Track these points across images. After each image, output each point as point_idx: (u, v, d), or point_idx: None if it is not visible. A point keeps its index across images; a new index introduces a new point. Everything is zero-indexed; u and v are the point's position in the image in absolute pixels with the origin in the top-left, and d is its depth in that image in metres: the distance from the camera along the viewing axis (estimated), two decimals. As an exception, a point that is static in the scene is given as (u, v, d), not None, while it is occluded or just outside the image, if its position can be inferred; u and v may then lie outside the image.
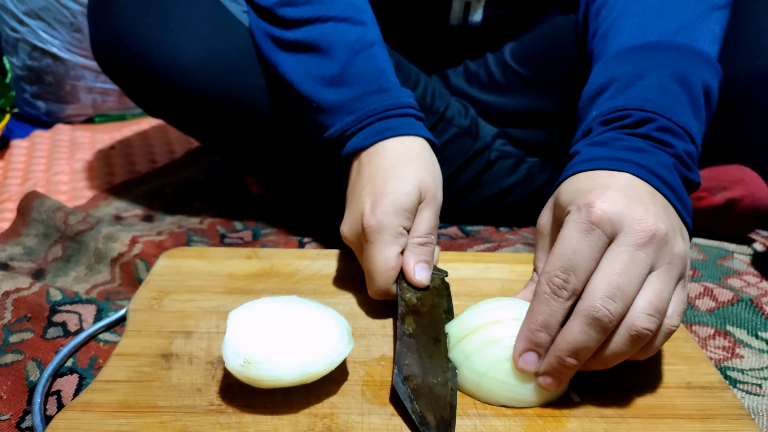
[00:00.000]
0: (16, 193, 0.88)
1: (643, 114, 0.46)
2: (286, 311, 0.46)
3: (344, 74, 0.56)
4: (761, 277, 0.65)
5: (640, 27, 0.53)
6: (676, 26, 0.52)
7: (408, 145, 0.54)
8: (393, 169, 0.52)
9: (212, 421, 0.42)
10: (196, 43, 0.63)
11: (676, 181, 0.45)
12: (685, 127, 0.46)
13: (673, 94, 0.47)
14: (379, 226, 0.50)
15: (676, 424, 0.42)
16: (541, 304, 0.41)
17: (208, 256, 0.62)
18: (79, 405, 0.43)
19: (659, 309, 0.39)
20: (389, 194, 0.50)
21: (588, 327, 0.39)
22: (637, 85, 0.48)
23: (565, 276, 0.40)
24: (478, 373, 0.44)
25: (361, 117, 0.55)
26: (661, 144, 0.46)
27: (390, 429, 0.41)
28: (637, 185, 0.43)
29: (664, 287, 0.40)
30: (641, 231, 0.39)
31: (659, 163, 0.44)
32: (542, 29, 0.74)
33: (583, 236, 0.40)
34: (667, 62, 0.49)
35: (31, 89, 1.13)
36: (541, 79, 0.74)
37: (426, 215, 0.52)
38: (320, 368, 0.43)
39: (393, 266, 0.50)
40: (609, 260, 0.40)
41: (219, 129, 0.68)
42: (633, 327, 0.39)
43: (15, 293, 0.58)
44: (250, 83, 0.65)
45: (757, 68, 0.64)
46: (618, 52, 0.53)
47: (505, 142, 0.77)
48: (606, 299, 0.39)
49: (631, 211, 0.40)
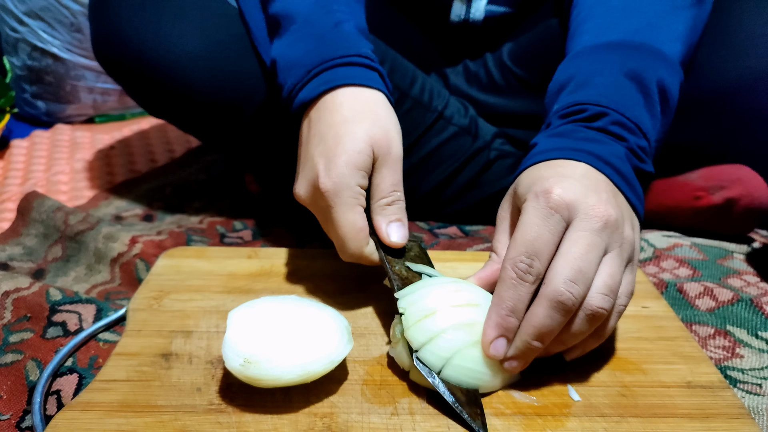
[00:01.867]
0: (16, 193, 0.88)
1: (598, 109, 0.48)
2: (286, 311, 0.46)
3: (300, 29, 0.55)
4: (760, 276, 0.65)
5: (603, 27, 0.55)
6: (636, 26, 0.54)
7: (359, 98, 0.51)
8: (345, 126, 0.49)
9: (212, 420, 0.42)
10: (189, 32, 0.64)
11: (628, 170, 0.47)
12: (638, 123, 0.48)
13: (627, 91, 0.49)
14: (336, 188, 0.48)
15: (676, 424, 0.42)
16: (508, 289, 0.42)
17: (207, 256, 0.62)
18: (78, 404, 0.43)
19: (613, 289, 0.42)
20: (342, 153, 0.48)
21: (552, 310, 0.40)
22: (594, 82, 0.50)
23: (529, 261, 0.41)
24: (441, 357, 0.43)
25: (309, 68, 0.53)
26: (614, 137, 0.48)
27: (390, 428, 0.41)
28: (592, 175, 0.45)
29: (616, 269, 0.42)
30: (595, 216, 0.41)
31: (613, 153, 0.46)
32: (538, 31, 0.75)
33: (543, 221, 0.42)
34: (623, 61, 0.51)
35: (31, 89, 1.13)
36: (538, 80, 0.74)
37: (385, 173, 0.50)
38: (320, 367, 0.43)
39: (361, 227, 0.49)
40: (568, 245, 0.41)
41: (216, 122, 0.68)
42: (590, 307, 0.41)
43: (15, 293, 0.58)
44: (244, 68, 0.65)
45: (749, 69, 0.65)
46: (580, 50, 0.55)
47: (505, 142, 0.77)
48: (569, 283, 0.40)
49: (586, 198, 0.42)
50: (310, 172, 0.50)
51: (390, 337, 0.47)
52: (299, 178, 0.52)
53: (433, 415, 0.43)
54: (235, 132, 0.69)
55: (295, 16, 0.56)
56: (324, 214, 0.50)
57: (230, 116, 0.67)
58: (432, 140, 0.73)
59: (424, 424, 0.42)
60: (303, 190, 0.51)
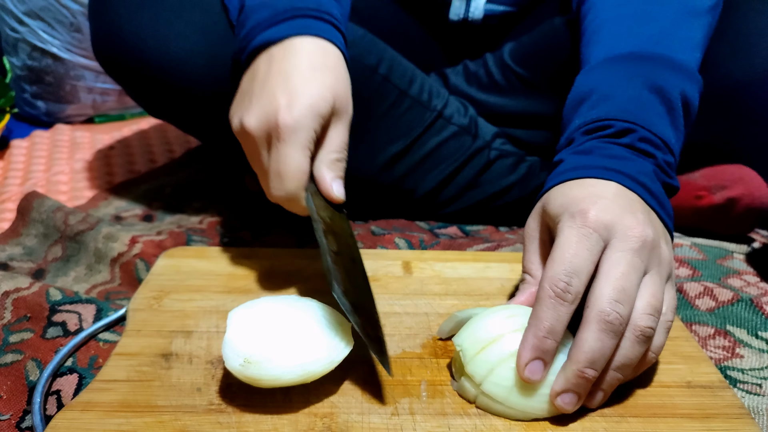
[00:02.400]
0: (16, 193, 0.88)
1: (625, 125, 0.48)
2: (286, 311, 0.46)
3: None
4: (760, 276, 0.65)
5: (620, 36, 0.55)
6: (653, 35, 0.53)
7: (326, 52, 0.51)
8: (311, 72, 0.49)
9: (212, 420, 0.42)
10: (190, 30, 0.64)
11: (658, 188, 0.46)
12: (664, 138, 0.48)
13: (651, 105, 0.49)
14: (296, 126, 0.47)
15: (676, 423, 0.42)
16: (547, 310, 0.41)
17: (207, 256, 0.62)
18: (78, 405, 0.43)
19: (657, 308, 0.41)
20: (307, 96, 0.48)
21: (601, 333, 0.40)
22: (616, 96, 0.50)
23: (568, 279, 0.40)
24: (505, 387, 0.42)
25: (279, 11, 0.52)
26: (643, 153, 0.47)
27: (390, 428, 0.41)
28: (625, 194, 0.44)
29: (657, 288, 0.42)
30: (634, 237, 0.41)
31: (642, 171, 0.46)
32: (540, 30, 0.74)
33: (581, 240, 0.41)
34: (645, 73, 0.50)
35: (31, 89, 1.13)
36: (540, 80, 0.74)
37: (340, 130, 0.50)
38: (320, 368, 0.43)
39: (305, 170, 0.48)
40: (609, 265, 0.41)
41: (217, 121, 0.68)
42: (637, 327, 0.40)
43: (15, 293, 0.58)
44: None
45: (755, 67, 0.64)
46: (599, 61, 0.54)
47: (505, 141, 0.77)
48: (614, 303, 0.40)
49: (622, 219, 0.42)
50: (268, 105, 0.48)
51: (453, 374, 0.46)
52: (250, 108, 0.49)
53: (433, 415, 0.43)
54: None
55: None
56: (271, 149, 0.48)
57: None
58: (431, 140, 0.73)
59: (424, 424, 0.42)
60: (254, 120, 0.49)
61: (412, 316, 0.54)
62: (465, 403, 0.44)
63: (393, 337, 0.51)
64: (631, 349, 0.41)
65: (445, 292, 0.57)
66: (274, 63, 0.50)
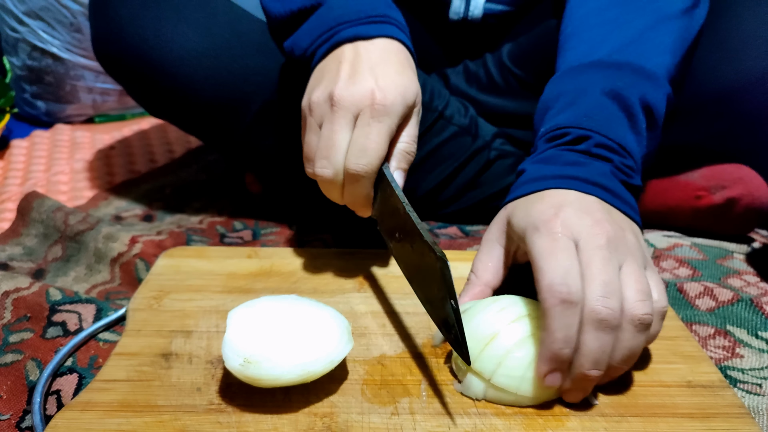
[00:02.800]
0: (16, 193, 0.88)
1: (581, 132, 0.50)
2: (286, 310, 0.46)
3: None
4: (760, 276, 0.65)
5: (589, 44, 0.56)
6: (621, 42, 0.55)
7: (406, 54, 0.56)
8: (400, 67, 0.53)
9: (212, 420, 0.42)
10: (192, 31, 0.64)
11: (616, 185, 0.48)
12: (621, 143, 0.50)
13: (609, 111, 0.51)
14: (391, 108, 0.50)
15: (676, 423, 0.42)
16: (556, 319, 0.41)
17: (207, 256, 0.62)
18: (78, 404, 0.43)
19: (647, 293, 0.42)
20: (399, 86, 0.51)
21: (597, 332, 0.40)
22: (577, 104, 0.52)
23: (564, 281, 0.41)
24: (515, 377, 0.43)
25: (368, 13, 0.56)
26: (598, 158, 0.49)
27: (390, 428, 0.41)
28: (583, 198, 0.46)
29: (639, 275, 0.42)
30: (597, 234, 0.43)
31: (598, 173, 0.48)
32: (537, 32, 0.75)
33: (556, 245, 0.42)
34: (605, 80, 0.52)
35: (31, 89, 1.13)
36: (537, 81, 0.74)
37: (413, 124, 0.54)
38: (320, 367, 0.43)
39: (385, 149, 0.50)
40: (585, 264, 0.42)
41: (218, 121, 0.68)
42: (635, 317, 0.41)
43: (15, 293, 0.58)
44: (248, 67, 0.65)
45: (747, 70, 0.65)
46: (566, 69, 0.56)
47: (505, 142, 0.77)
48: (602, 299, 0.40)
49: (583, 221, 0.43)
50: (362, 85, 0.51)
51: (456, 374, 0.47)
52: (339, 82, 0.51)
53: (433, 414, 0.43)
54: (237, 131, 0.69)
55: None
56: (357, 126, 0.50)
57: (233, 115, 0.67)
58: (432, 140, 0.73)
59: (424, 423, 0.42)
60: (346, 93, 0.50)
61: (412, 316, 0.54)
62: (465, 403, 0.44)
63: (393, 337, 0.51)
64: (633, 340, 0.41)
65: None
66: (364, 54, 0.53)
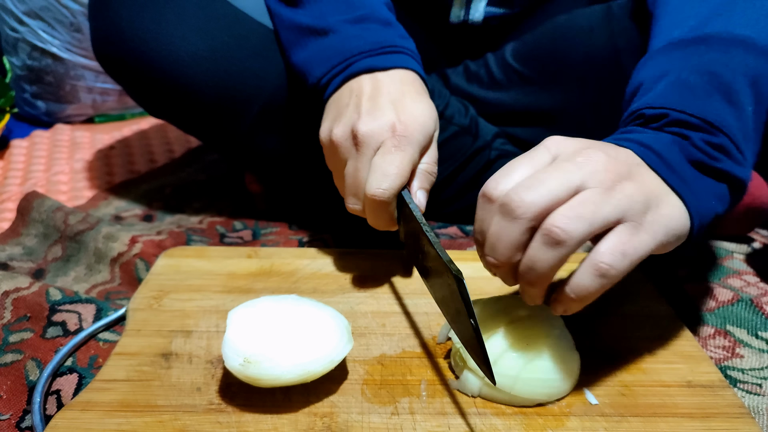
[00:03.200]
0: (16, 193, 0.88)
1: (655, 111, 0.45)
2: (286, 310, 0.46)
3: (369, 16, 0.59)
4: (760, 276, 0.65)
5: (675, 22, 0.51)
6: (707, 14, 0.48)
7: (421, 84, 0.57)
8: (418, 97, 0.55)
9: (212, 420, 0.42)
10: (192, 33, 0.64)
11: (674, 156, 0.43)
12: (706, 117, 0.43)
13: (693, 87, 0.45)
14: (412, 138, 0.52)
15: (676, 423, 0.42)
16: (477, 210, 0.43)
17: (207, 256, 0.62)
18: (78, 404, 0.43)
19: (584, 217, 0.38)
20: (418, 116, 0.53)
21: (499, 217, 0.40)
22: (655, 88, 0.47)
23: (496, 179, 0.41)
24: (510, 377, 0.43)
25: (382, 44, 0.57)
26: (671, 135, 0.44)
27: (390, 428, 0.41)
28: (613, 145, 0.42)
29: (588, 203, 0.38)
30: (577, 149, 0.40)
31: (655, 138, 0.43)
32: (543, 28, 0.74)
33: (526, 156, 0.42)
34: (690, 58, 0.46)
35: (31, 89, 1.13)
36: (542, 77, 0.74)
37: (433, 147, 0.55)
38: (320, 367, 0.43)
39: (407, 174, 0.51)
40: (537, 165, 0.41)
41: (219, 123, 0.68)
42: (547, 226, 0.38)
43: (15, 293, 0.58)
44: (249, 69, 0.65)
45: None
46: (653, 51, 0.51)
47: (505, 141, 0.77)
48: (519, 185, 0.39)
49: (576, 144, 0.41)
50: (382, 117, 0.52)
51: (455, 370, 0.47)
52: (361, 118, 0.53)
53: (433, 414, 0.43)
54: (236, 133, 0.69)
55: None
56: (380, 153, 0.51)
57: (232, 117, 0.67)
58: (432, 140, 0.73)
59: (424, 423, 0.42)
60: (367, 128, 0.52)
61: (412, 316, 0.54)
62: (465, 403, 0.44)
63: (393, 337, 0.51)
64: (537, 250, 0.39)
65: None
66: (383, 86, 0.55)
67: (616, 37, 0.69)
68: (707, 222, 0.43)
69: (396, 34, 0.59)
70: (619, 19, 0.68)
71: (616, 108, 0.71)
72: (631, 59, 0.68)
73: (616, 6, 0.69)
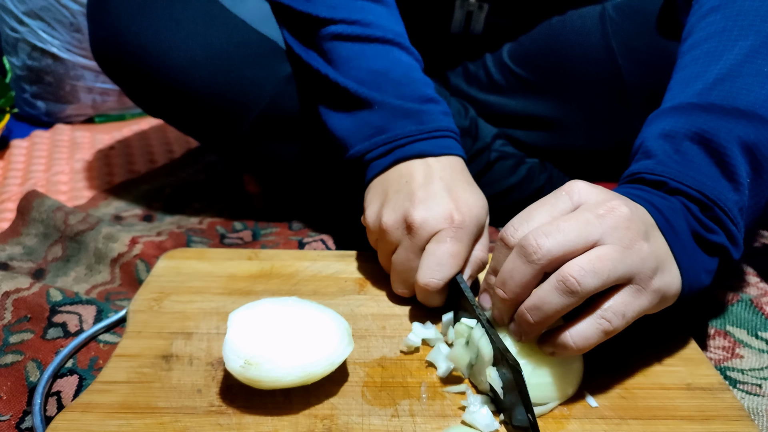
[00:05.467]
0: (16, 193, 0.88)
1: (654, 177, 0.46)
2: (287, 312, 0.46)
3: (414, 94, 0.58)
4: (760, 276, 0.65)
5: (682, 83, 0.51)
6: (715, 80, 0.48)
7: (468, 172, 0.57)
8: (470, 187, 0.54)
9: (212, 422, 0.42)
10: (190, 39, 0.64)
11: (679, 223, 0.44)
12: (702, 190, 0.45)
13: (691, 157, 0.46)
14: (468, 229, 0.51)
15: (676, 425, 0.42)
16: (494, 252, 0.44)
17: (208, 257, 0.62)
18: (79, 406, 0.43)
19: (598, 272, 0.39)
20: (473, 206, 0.52)
21: (516, 256, 0.41)
22: (656, 153, 0.47)
23: (513, 225, 0.43)
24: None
25: (431, 128, 0.56)
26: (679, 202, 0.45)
27: (390, 430, 0.42)
28: (630, 201, 0.42)
29: (604, 258, 0.39)
30: (603, 203, 0.41)
31: (664, 201, 0.44)
32: (539, 30, 0.75)
33: (548, 198, 0.43)
34: (693, 124, 0.47)
35: (31, 89, 1.13)
36: (539, 80, 0.74)
37: (486, 233, 0.55)
38: (320, 369, 0.43)
39: (462, 263, 0.51)
40: (560, 215, 0.42)
41: (216, 127, 0.68)
42: (562, 273, 0.39)
43: (15, 293, 0.58)
44: (246, 76, 0.65)
45: None
46: (661, 111, 0.51)
47: (505, 143, 0.77)
48: (538, 232, 0.40)
49: (600, 194, 0.42)
50: (439, 206, 0.52)
51: (446, 339, 0.48)
52: (416, 206, 0.52)
53: (433, 416, 0.43)
54: (234, 137, 0.69)
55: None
56: (435, 242, 0.51)
57: (230, 122, 0.67)
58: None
59: (424, 425, 0.42)
60: (421, 218, 0.51)
61: (412, 318, 0.54)
62: (465, 404, 0.44)
63: (393, 339, 0.51)
64: (548, 292, 0.40)
65: (445, 294, 0.57)
66: (435, 172, 0.54)
67: (610, 38, 0.69)
68: (693, 294, 0.45)
69: (440, 112, 0.58)
70: (613, 20, 0.68)
71: (613, 110, 0.71)
72: (626, 60, 0.68)
73: (611, 7, 0.69)
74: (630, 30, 0.68)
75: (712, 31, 0.51)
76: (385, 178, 0.56)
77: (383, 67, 0.58)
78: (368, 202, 0.56)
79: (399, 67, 0.59)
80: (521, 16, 0.75)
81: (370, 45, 0.58)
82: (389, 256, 0.54)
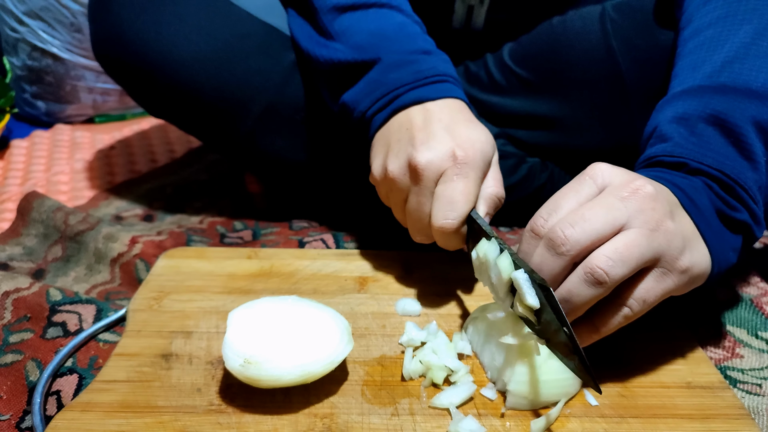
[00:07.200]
0: (16, 193, 0.88)
1: (673, 159, 0.46)
2: (286, 311, 0.46)
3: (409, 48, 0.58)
4: (760, 276, 0.65)
5: (690, 67, 0.52)
6: (723, 62, 0.49)
7: (469, 110, 0.56)
8: (471, 124, 0.54)
9: (212, 421, 0.42)
10: (194, 34, 0.64)
11: (703, 202, 0.44)
12: (722, 169, 0.45)
13: (707, 138, 0.46)
14: (474, 164, 0.51)
15: (676, 424, 0.42)
16: (523, 243, 0.43)
17: (208, 256, 0.62)
18: (78, 405, 0.43)
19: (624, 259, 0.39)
20: (476, 141, 0.52)
21: (544, 248, 0.41)
22: (672, 136, 0.48)
23: (542, 215, 0.42)
24: (527, 383, 0.43)
25: (427, 74, 0.56)
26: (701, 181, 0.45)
27: (390, 429, 0.41)
28: (653, 181, 0.43)
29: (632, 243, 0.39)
30: (628, 185, 0.41)
31: (685, 180, 0.44)
32: (539, 30, 0.74)
33: (573, 183, 0.43)
34: (705, 106, 0.47)
35: (31, 89, 1.13)
36: (540, 80, 0.74)
37: (496, 167, 0.54)
38: (320, 368, 0.43)
39: (474, 199, 0.51)
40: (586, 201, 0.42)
41: (219, 124, 0.68)
42: (589, 265, 0.39)
43: (15, 293, 0.58)
44: (251, 68, 0.65)
45: None
46: (670, 96, 0.52)
47: (506, 143, 0.77)
48: (564, 222, 0.40)
49: (624, 176, 0.42)
50: (440, 145, 0.51)
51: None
52: (418, 149, 0.52)
53: (433, 415, 0.43)
54: (238, 133, 0.69)
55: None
56: (442, 183, 0.51)
57: (234, 117, 0.67)
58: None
59: (424, 424, 0.42)
60: (426, 157, 0.51)
61: (411, 317, 0.54)
62: (465, 404, 0.44)
63: (393, 338, 0.51)
64: (576, 284, 0.40)
65: (446, 293, 0.57)
66: (433, 115, 0.54)
67: (610, 38, 0.69)
68: (723, 271, 0.44)
69: (439, 60, 0.58)
70: (613, 19, 0.68)
71: (613, 109, 0.71)
72: (626, 59, 0.68)
73: (610, 6, 0.69)
74: (630, 29, 0.68)
75: (714, 17, 0.51)
76: (386, 130, 0.56)
77: (379, 27, 0.58)
78: (373, 156, 0.56)
79: (394, 25, 0.59)
80: (521, 11, 0.75)
81: (368, 10, 0.59)
82: (402, 206, 0.54)
